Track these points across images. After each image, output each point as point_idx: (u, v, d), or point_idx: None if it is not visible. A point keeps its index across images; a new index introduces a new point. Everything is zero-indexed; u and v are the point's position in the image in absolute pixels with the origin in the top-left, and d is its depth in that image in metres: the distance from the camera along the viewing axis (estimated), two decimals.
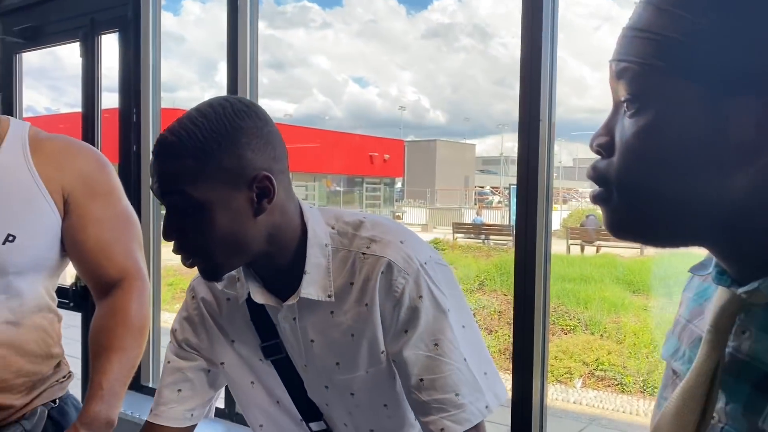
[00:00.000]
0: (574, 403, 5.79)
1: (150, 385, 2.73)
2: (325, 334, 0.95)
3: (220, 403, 2.68)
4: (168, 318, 2.61)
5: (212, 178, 0.85)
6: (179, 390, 1.04)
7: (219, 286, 1.03)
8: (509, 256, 10.65)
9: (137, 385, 2.73)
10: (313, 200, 26.20)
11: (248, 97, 2.55)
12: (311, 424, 1.04)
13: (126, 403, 2.48)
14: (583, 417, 5.53)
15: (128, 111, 2.81)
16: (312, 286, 0.93)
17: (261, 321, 0.99)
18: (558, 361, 6.17)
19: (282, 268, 0.94)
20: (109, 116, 3.04)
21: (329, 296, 0.93)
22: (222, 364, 1.05)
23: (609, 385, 6.05)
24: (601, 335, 6.93)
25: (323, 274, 0.93)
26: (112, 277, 1.24)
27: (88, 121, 2.96)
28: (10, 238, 1.15)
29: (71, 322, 1.54)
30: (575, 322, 7.19)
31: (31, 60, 3.42)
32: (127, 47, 2.81)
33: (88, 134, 2.90)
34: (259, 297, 0.95)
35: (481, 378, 0.94)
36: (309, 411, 1.02)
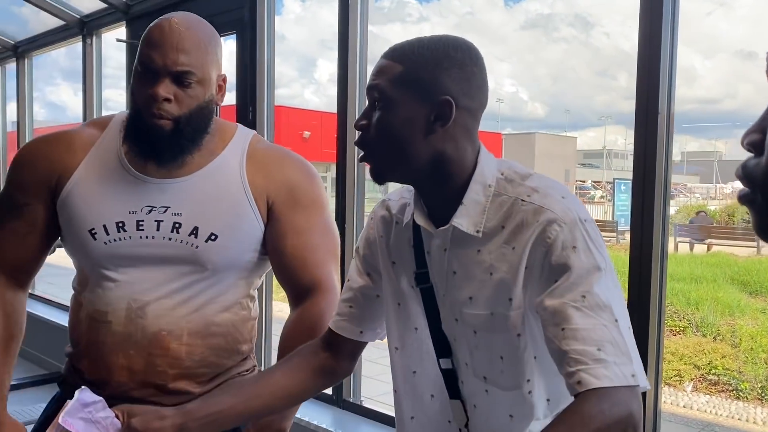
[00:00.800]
0: (684, 407, 5.53)
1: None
2: (467, 268, 1.00)
3: (328, 390, 2.77)
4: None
5: (406, 84, 0.96)
6: (350, 307, 1.13)
7: (393, 209, 1.10)
8: (613, 252, 10.27)
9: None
10: None
11: (357, 91, 2.62)
12: (441, 360, 1.06)
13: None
14: (693, 422, 5.28)
15: (245, 108, 2.95)
16: (464, 218, 0.98)
17: (420, 248, 1.05)
18: (667, 363, 5.90)
19: (447, 198, 1.00)
20: (227, 113, 3.21)
21: (477, 232, 0.97)
22: (380, 276, 1.12)
23: (723, 391, 5.73)
24: (714, 338, 6.57)
25: (478, 211, 0.98)
26: (304, 286, 1.29)
27: None
28: (213, 237, 1.22)
29: None
30: (685, 323, 6.85)
31: None
32: (244, 48, 2.95)
33: None
34: (420, 219, 1.02)
35: (632, 347, 0.89)
36: (441, 346, 1.05)
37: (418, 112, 0.95)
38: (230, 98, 3.10)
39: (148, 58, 1.19)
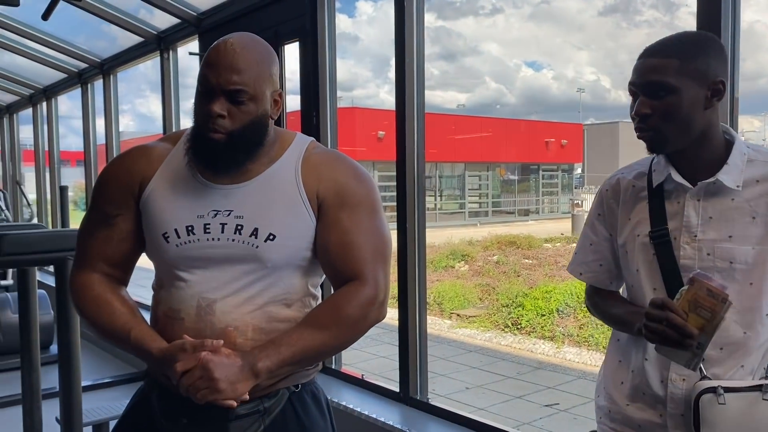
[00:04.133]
0: None
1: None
2: (724, 213, 1.28)
3: (395, 386, 2.80)
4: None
5: (687, 73, 1.23)
6: (601, 265, 1.44)
7: (628, 177, 1.39)
8: None
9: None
10: (486, 189, 26.01)
11: (414, 89, 2.64)
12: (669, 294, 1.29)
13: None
14: None
15: (309, 113, 3.03)
16: (728, 175, 1.27)
17: (654, 208, 1.33)
18: None
19: (701, 160, 1.29)
20: (294, 119, 3.30)
21: (738, 186, 1.27)
22: (619, 235, 1.39)
23: None
24: None
25: (737, 171, 1.28)
26: (345, 279, 1.35)
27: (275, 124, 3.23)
28: (271, 237, 1.31)
29: None
30: None
31: None
32: (306, 55, 3.03)
33: None
34: (678, 177, 1.30)
35: None
36: (672, 286, 1.28)
37: (698, 94, 1.23)
38: (296, 104, 3.19)
39: (204, 78, 1.29)
